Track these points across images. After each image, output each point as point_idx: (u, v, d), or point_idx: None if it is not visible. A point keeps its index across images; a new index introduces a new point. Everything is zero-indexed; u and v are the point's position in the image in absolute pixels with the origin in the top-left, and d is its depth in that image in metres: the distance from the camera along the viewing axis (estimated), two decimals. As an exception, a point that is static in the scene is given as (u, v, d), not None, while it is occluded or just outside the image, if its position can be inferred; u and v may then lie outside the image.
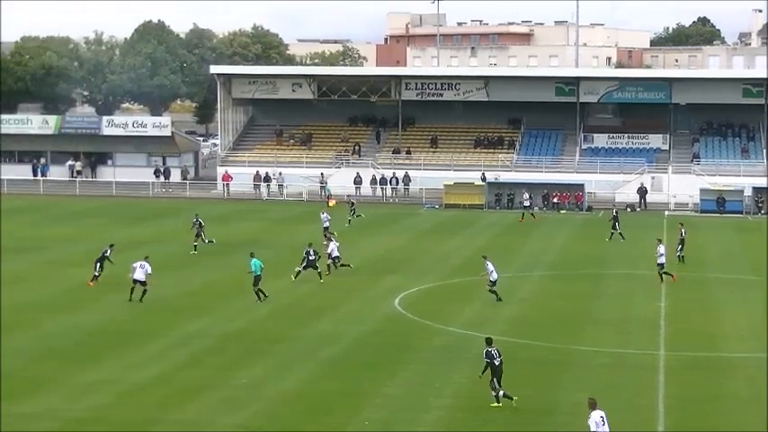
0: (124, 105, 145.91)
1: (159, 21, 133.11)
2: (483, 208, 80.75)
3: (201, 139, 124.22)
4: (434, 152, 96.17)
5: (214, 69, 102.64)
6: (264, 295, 46.11)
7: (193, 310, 44.68)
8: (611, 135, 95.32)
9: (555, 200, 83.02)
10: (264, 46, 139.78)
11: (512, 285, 50.67)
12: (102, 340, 39.60)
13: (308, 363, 36.71)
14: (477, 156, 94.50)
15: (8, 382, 33.94)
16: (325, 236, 59.59)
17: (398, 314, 44.74)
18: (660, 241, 53.25)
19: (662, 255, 51.15)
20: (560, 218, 78.75)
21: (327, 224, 64.74)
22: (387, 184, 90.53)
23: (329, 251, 53.36)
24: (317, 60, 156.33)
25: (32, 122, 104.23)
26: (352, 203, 74.82)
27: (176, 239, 64.09)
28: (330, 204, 79.54)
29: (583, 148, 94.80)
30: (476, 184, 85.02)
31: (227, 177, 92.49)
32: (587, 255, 60.84)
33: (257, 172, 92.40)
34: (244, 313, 44.45)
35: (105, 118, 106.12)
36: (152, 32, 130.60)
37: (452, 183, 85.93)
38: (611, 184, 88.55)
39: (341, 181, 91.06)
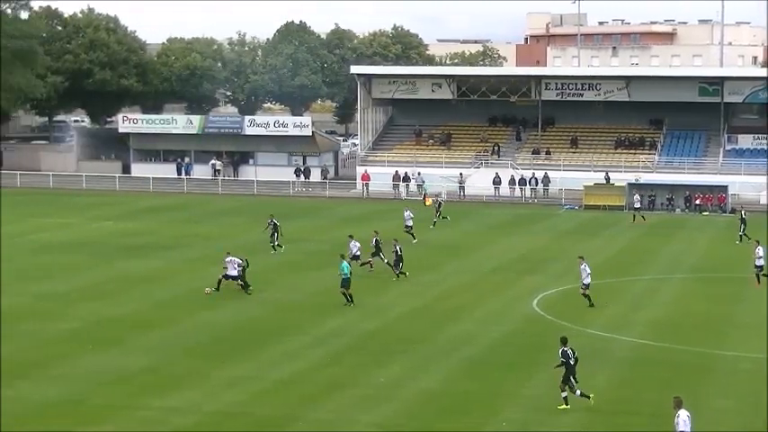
0: (266, 105, 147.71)
1: (301, 21, 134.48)
2: (623, 209, 79.72)
3: (341, 138, 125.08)
4: (574, 153, 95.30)
5: (354, 69, 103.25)
6: (352, 301, 45.35)
7: (330, 308, 44.98)
8: (757, 136, 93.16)
9: (697, 202, 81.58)
10: (404, 46, 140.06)
11: (652, 288, 49.96)
12: (241, 337, 40.17)
13: (445, 362, 36.72)
14: (617, 157, 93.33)
15: (152, 377, 34.75)
16: (409, 234, 60.00)
17: (537, 315, 44.47)
18: (758, 243, 51.96)
19: (761, 257, 50.03)
20: (703, 220, 77.33)
21: (410, 222, 64.39)
22: (526, 185, 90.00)
23: (350, 249, 52.46)
24: (456, 60, 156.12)
25: (177, 122, 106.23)
26: (440, 204, 74.49)
27: (315, 238, 64.70)
28: (427, 203, 79.13)
29: (726, 149, 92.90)
30: (616, 185, 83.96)
31: (366, 177, 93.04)
32: (730, 257, 59.58)
33: (396, 172, 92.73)
34: (381, 312, 44.64)
35: (247, 118, 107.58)
36: (294, 33, 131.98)
37: (592, 184, 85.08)
38: (756, 186, 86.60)
39: (480, 181, 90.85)
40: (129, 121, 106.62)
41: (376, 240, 53.58)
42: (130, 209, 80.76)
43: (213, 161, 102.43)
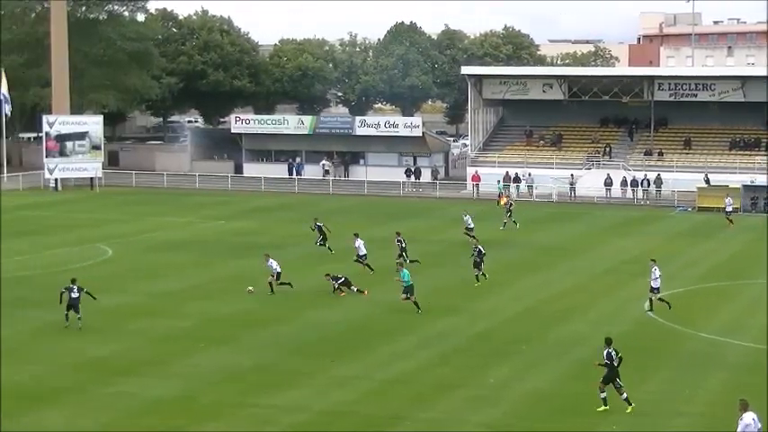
0: (376, 106, 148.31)
1: (411, 22, 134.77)
2: (738, 211, 78.26)
3: (452, 139, 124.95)
4: (687, 154, 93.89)
5: (465, 70, 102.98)
6: (418, 307, 44.64)
7: (440, 310, 44.93)
8: None
9: (815, 204, 79.81)
10: (515, 47, 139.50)
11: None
12: (350, 337, 40.35)
13: (556, 364, 36.47)
14: (732, 158, 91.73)
15: (262, 375, 35.08)
16: (471, 236, 59.40)
17: (649, 318, 43.89)
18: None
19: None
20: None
21: (471, 224, 63.49)
22: (638, 186, 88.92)
23: (356, 247, 53.61)
24: (568, 61, 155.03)
25: (289, 122, 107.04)
26: (510, 204, 73.57)
27: (427, 239, 64.67)
28: (501, 203, 78.36)
29: None
30: (730, 186, 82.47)
31: (476, 178, 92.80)
32: None
33: (507, 172, 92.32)
34: (491, 314, 44.47)
35: (358, 118, 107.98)
36: (404, 34, 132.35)
37: (706, 185, 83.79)
38: None
39: (591, 182, 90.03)
40: (242, 122, 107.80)
41: (398, 241, 55.09)
42: (242, 208, 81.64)
43: (323, 161, 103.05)
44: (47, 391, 33.34)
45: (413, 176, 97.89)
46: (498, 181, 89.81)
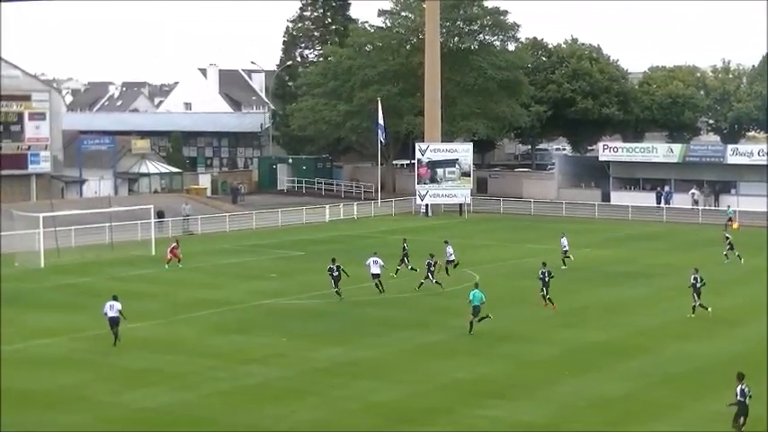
0: (750, 134, 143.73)
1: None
2: None
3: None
4: None
5: None
6: (471, 326, 45.08)
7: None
8: None
9: None
10: None
11: None
12: (722, 371, 39.16)
13: None
14: None
15: (630, 404, 34.82)
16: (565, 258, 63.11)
17: None
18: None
19: None
20: None
21: (566, 248, 64.51)
22: None
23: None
24: None
25: (657, 150, 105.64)
26: (727, 238, 68.38)
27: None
28: (734, 227, 73.33)
29: None
30: None
31: None
32: None
33: None
34: None
35: (730, 146, 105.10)
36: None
37: None
38: None
39: None
40: (610, 150, 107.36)
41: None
42: (608, 236, 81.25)
43: (693, 190, 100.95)
44: (418, 411, 34.40)
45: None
46: (728, 206, 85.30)
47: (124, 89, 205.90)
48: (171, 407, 34.63)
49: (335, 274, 53.78)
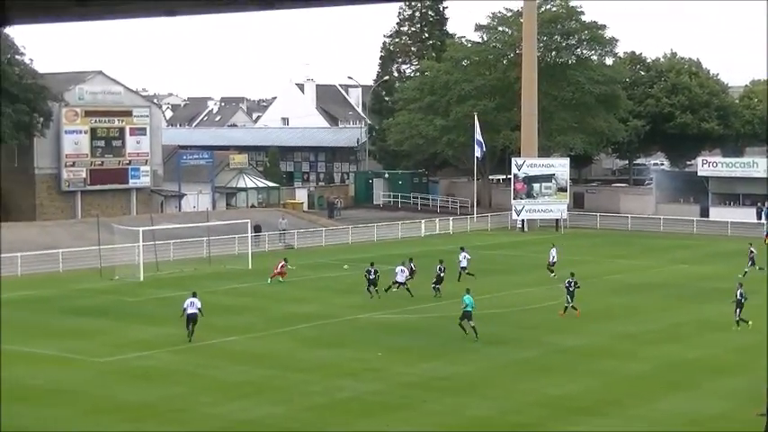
0: None
1: None
2: None
3: None
4: None
5: None
6: (465, 331, 45.86)
7: None
8: None
9: None
10: None
11: None
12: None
13: None
14: None
15: (725, 424, 34.40)
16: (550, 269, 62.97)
17: None
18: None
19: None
20: None
21: (554, 260, 65.46)
22: None
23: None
24: None
25: (758, 166, 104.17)
26: (752, 252, 68.23)
27: None
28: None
29: None
30: None
31: None
32: None
33: None
34: None
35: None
36: None
37: None
38: None
39: None
40: (709, 165, 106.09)
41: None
42: (707, 252, 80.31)
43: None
44: (509, 426, 34.38)
45: None
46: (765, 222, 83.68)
47: (223, 104, 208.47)
48: (264, 419, 35.03)
49: (371, 277, 57.53)
